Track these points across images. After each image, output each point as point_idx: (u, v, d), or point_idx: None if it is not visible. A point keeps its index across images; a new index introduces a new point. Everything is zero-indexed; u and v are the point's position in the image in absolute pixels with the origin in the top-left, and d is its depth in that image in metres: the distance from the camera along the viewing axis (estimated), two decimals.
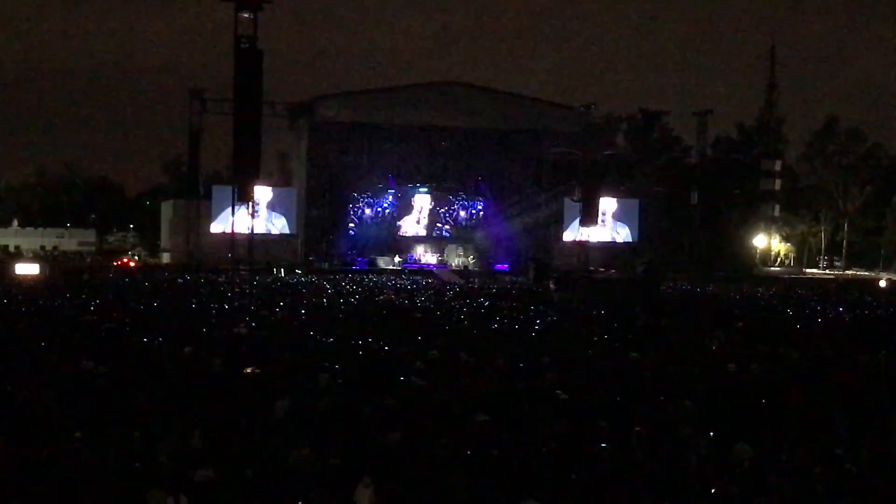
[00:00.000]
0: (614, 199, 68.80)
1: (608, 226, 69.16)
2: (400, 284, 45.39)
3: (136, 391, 14.51)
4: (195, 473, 10.56)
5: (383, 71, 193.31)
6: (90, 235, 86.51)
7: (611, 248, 68.50)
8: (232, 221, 32.89)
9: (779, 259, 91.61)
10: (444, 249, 67.10)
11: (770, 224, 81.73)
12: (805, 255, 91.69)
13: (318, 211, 62.36)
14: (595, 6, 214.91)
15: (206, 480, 10.47)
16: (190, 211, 60.53)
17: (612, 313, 30.77)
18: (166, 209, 68.48)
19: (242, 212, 30.87)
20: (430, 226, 67.73)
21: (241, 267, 32.95)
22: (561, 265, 59.06)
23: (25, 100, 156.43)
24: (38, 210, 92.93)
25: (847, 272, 78.80)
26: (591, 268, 60.24)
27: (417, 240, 67.32)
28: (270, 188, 61.89)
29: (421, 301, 34.87)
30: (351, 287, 41.83)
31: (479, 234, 68.59)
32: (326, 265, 59.87)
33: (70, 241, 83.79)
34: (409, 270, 59.59)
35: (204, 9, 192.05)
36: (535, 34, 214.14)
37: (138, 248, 79.56)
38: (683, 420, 13.37)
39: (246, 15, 28.23)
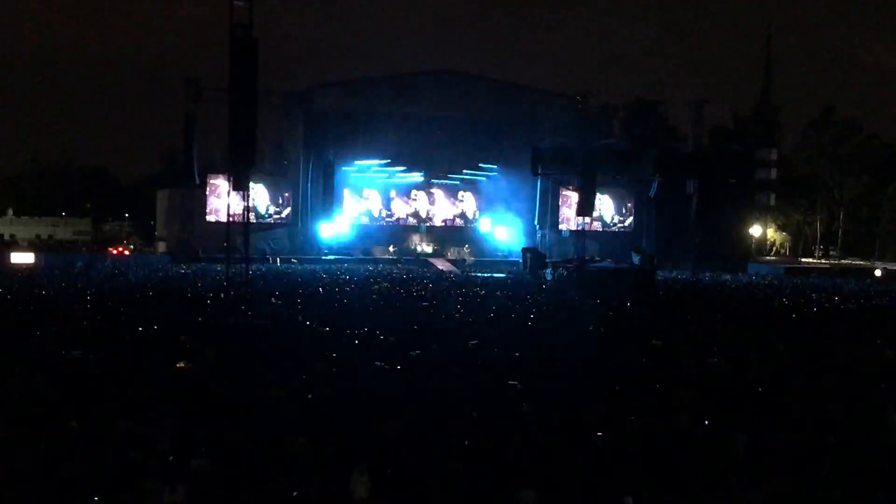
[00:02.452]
0: (611, 189, 68.76)
1: (604, 215, 69.12)
2: (396, 274, 45.39)
3: (130, 380, 14.51)
4: (191, 462, 10.55)
5: (380, 59, 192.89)
6: (85, 224, 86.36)
7: (606, 237, 68.40)
8: (227, 210, 33.10)
9: (774, 248, 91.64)
10: (440, 239, 67.01)
11: (766, 213, 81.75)
12: (801, 244, 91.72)
13: (314, 200, 62.21)
14: None
15: (202, 469, 10.46)
16: (185, 199, 60.41)
17: (606, 302, 30.84)
18: (161, 198, 68.26)
19: (237, 201, 30.89)
20: (427, 215, 67.69)
21: (237, 256, 33.00)
22: (557, 254, 59.06)
23: (20, 89, 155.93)
24: (33, 199, 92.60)
25: (842, 261, 78.91)
26: (587, 257, 60.19)
27: (414, 229, 67.23)
28: (267, 176, 61.77)
29: (417, 290, 34.86)
30: (347, 276, 41.82)
31: (475, 223, 68.55)
32: (322, 254, 59.85)
33: (65, 229, 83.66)
34: (406, 260, 59.54)
35: None
36: (532, 23, 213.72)
37: (133, 237, 79.40)
38: (679, 409, 13.39)
39: (241, 3, 28.09)
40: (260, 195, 60.17)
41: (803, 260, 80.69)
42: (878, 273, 59.39)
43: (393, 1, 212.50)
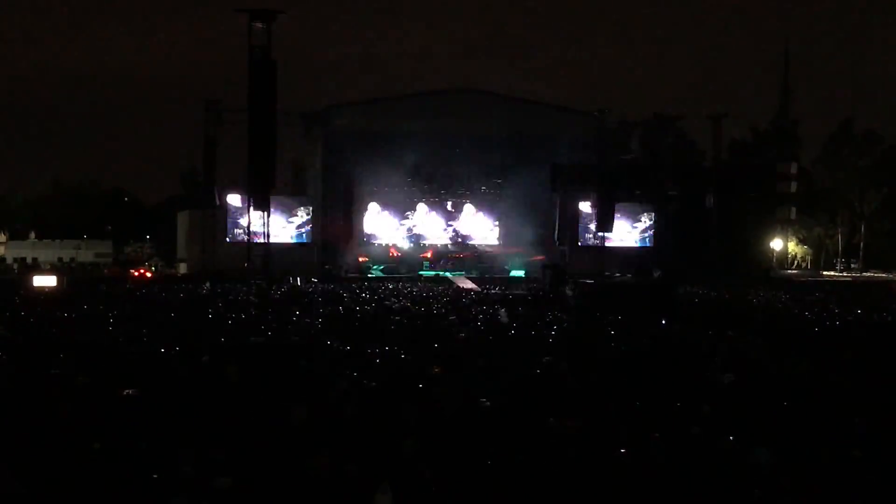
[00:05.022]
0: (629, 204, 68.59)
1: (623, 230, 68.91)
2: (416, 291, 45.37)
3: (153, 402, 14.53)
4: (214, 481, 10.56)
5: (397, 78, 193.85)
6: (107, 247, 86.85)
7: (627, 253, 68.21)
8: (248, 231, 33.22)
9: (795, 262, 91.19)
10: (460, 256, 67.06)
11: (786, 227, 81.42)
12: (822, 257, 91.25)
13: (333, 219, 62.48)
14: (609, 11, 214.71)
15: (224, 488, 10.46)
16: (205, 221, 60.82)
17: (628, 318, 30.66)
18: (182, 219, 68.79)
19: (258, 221, 30.99)
20: (446, 232, 67.80)
21: (258, 276, 33.12)
22: (577, 270, 58.94)
23: (41, 112, 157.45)
24: (54, 222, 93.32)
25: (864, 274, 78.41)
26: (608, 273, 60.08)
27: (433, 247, 67.32)
28: (286, 197, 62.10)
29: (437, 308, 34.81)
30: (366, 295, 41.85)
31: (495, 241, 68.55)
32: (343, 273, 60.03)
33: (87, 252, 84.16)
34: (425, 278, 59.54)
35: (218, 19, 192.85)
36: (549, 39, 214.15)
37: (156, 259, 79.85)
38: (701, 424, 13.30)
39: (260, 25, 28.36)
40: (280, 215, 60.40)
41: (825, 273, 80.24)
42: None
43: (409, 20, 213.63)
